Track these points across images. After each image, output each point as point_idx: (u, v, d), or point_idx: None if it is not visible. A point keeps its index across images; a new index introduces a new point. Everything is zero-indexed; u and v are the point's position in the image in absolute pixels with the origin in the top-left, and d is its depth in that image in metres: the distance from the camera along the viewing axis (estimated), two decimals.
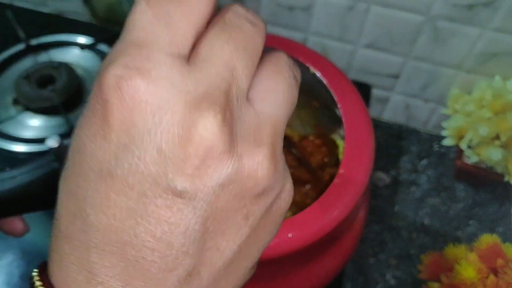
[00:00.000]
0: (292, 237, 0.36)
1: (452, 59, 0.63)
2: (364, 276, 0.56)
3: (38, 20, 0.82)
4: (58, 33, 0.77)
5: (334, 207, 0.38)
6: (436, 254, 0.58)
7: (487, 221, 0.62)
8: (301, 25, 0.68)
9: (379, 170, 0.67)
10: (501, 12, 0.56)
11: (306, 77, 0.52)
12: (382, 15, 0.62)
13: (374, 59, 0.68)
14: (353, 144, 0.42)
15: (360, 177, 0.40)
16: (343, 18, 0.64)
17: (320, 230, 0.37)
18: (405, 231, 0.61)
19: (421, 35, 0.62)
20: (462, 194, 0.65)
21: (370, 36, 0.65)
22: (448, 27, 0.60)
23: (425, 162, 0.68)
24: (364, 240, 0.60)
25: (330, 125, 0.55)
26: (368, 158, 0.42)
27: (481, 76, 0.64)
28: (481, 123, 0.58)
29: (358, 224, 0.47)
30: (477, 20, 0.58)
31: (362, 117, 0.45)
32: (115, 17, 0.80)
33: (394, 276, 0.57)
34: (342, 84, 0.47)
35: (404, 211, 0.63)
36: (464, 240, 0.60)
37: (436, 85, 0.68)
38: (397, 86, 0.71)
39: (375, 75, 0.70)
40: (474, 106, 0.60)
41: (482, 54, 0.61)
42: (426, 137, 0.72)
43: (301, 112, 0.58)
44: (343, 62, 0.70)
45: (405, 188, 0.65)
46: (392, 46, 0.65)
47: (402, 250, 0.59)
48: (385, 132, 0.73)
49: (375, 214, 0.62)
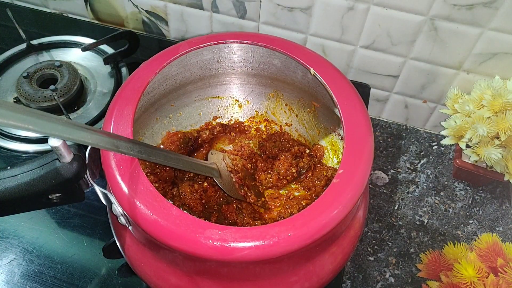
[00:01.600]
0: (292, 236, 0.36)
1: (452, 59, 0.64)
2: (363, 274, 0.57)
3: (39, 20, 0.82)
4: (59, 33, 0.77)
5: (333, 207, 0.38)
6: (436, 253, 0.59)
7: (486, 220, 0.62)
8: (301, 25, 0.68)
9: (378, 169, 0.67)
10: (501, 12, 0.56)
11: (306, 78, 0.52)
12: (381, 16, 0.62)
13: (373, 59, 0.68)
14: (353, 143, 0.42)
15: (359, 176, 0.40)
16: (342, 19, 0.64)
17: (319, 229, 0.37)
18: (405, 230, 0.61)
19: (421, 35, 0.62)
20: (461, 193, 0.65)
21: (370, 36, 0.65)
22: (448, 27, 0.60)
23: (425, 162, 0.68)
24: (364, 239, 0.60)
25: (329, 125, 0.55)
26: (368, 158, 0.42)
27: (480, 76, 0.64)
28: (481, 123, 0.58)
29: (358, 223, 0.47)
30: (477, 20, 0.58)
31: (361, 117, 0.45)
32: (116, 17, 0.81)
33: (394, 274, 0.57)
34: (342, 85, 0.47)
35: (404, 210, 0.63)
36: (463, 239, 0.60)
37: (435, 85, 0.68)
38: (396, 86, 0.71)
39: (375, 75, 0.70)
40: (474, 105, 0.60)
41: (482, 54, 0.61)
42: (425, 136, 0.72)
43: (301, 112, 0.58)
44: (343, 62, 0.70)
45: (405, 187, 0.65)
46: (392, 46, 0.65)
47: (401, 249, 0.59)
48: (384, 131, 0.73)
49: (374, 213, 0.62)
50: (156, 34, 0.80)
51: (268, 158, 0.57)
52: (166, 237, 0.36)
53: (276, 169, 0.55)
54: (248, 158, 0.56)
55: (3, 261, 0.53)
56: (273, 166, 0.55)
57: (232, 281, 0.41)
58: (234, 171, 0.54)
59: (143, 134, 0.54)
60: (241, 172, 0.54)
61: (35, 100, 0.64)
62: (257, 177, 0.55)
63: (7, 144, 0.62)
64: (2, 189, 0.37)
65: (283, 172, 0.54)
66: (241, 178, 0.54)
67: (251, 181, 0.55)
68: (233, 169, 0.54)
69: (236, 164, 0.55)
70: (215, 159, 0.54)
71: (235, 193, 0.52)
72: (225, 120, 0.61)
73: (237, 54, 0.54)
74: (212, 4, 0.71)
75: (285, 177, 0.54)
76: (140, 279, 0.45)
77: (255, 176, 0.55)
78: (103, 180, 0.41)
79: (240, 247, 0.35)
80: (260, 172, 0.55)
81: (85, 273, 0.53)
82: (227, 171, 0.54)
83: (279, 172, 0.54)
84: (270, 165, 0.56)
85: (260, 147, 0.58)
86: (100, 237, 0.56)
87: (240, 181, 0.54)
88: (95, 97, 0.68)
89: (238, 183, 0.53)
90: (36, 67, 0.67)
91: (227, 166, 0.54)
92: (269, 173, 0.55)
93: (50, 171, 0.38)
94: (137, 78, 0.47)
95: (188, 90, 0.56)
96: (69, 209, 0.58)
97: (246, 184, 0.54)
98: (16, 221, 0.57)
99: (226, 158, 0.55)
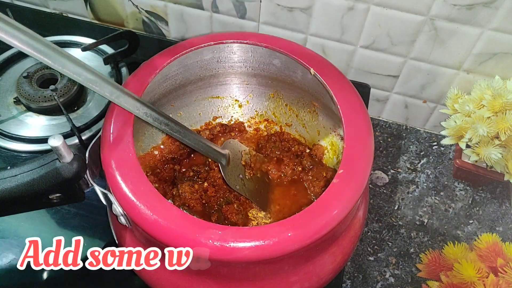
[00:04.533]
0: (292, 236, 0.36)
1: (452, 59, 0.64)
2: (363, 274, 0.57)
3: (39, 20, 0.82)
4: (59, 33, 0.77)
5: (333, 207, 0.38)
6: (436, 253, 0.59)
7: (486, 220, 0.62)
8: (301, 25, 0.68)
9: (378, 169, 0.67)
10: (501, 12, 0.56)
11: (306, 78, 0.52)
12: (381, 16, 0.62)
13: (373, 59, 0.68)
14: (353, 143, 0.42)
15: (359, 176, 0.40)
16: (342, 19, 0.64)
17: (319, 229, 0.37)
18: (405, 230, 0.61)
19: (421, 35, 0.62)
20: (461, 193, 0.65)
21: (370, 36, 0.65)
22: (448, 27, 0.60)
23: (425, 162, 0.68)
24: (364, 239, 0.60)
25: (329, 125, 0.55)
26: (368, 158, 0.42)
27: (480, 76, 0.64)
28: (481, 123, 0.58)
29: (358, 223, 0.47)
30: (477, 20, 0.58)
31: (361, 117, 0.45)
32: (116, 17, 0.80)
33: (394, 274, 0.57)
34: (342, 85, 0.47)
35: (404, 210, 0.63)
36: (463, 239, 0.60)
37: (435, 85, 0.68)
38: (396, 86, 0.71)
39: (375, 75, 0.70)
40: (474, 105, 0.60)
41: (482, 54, 0.61)
42: (425, 136, 0.72)
43: (301, 112, 0.58)
44: (343, 62, 0.70)
45: (405, 187, 0.65)
46: (392, 46, 0.65)
47: (401, 248, 0.59)
48: (384, 131, 0.73)
49: (374, 213, 0.62)
50: (156, 34, 0.80)
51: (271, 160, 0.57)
52: (166, 237, 0.36)
53: (282, 170, 0.55)
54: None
55: (3, 261, 0.53)
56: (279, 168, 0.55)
57: (232, 281, 0.41)
58: (248, 166, 0.54)
59: (143, 134, 0.54)
60: (254, 170, 0.54)
61: (35, 100, 0.64)
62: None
63: (7, 144, 0.62)
64: (2, 189, 0.37)
65: (290, 173, 0.54)
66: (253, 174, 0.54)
67: (264, 184, 0.55)
68: (247, 165, 0.54)
69: (254, 161, 0.55)
70: (231, 148, 0.54)
71: (235, 185, 0.52)
72: (225, 120, 0.61)
73: (237, 54, 0.54)
74: (212, 4, 0.71)
75: (292, 176, 0.54)
76: (140, 279, 0.45)
77: (269, 177, 0.56)
78: (103, 180, 0.41)
79: (240, 247, 0.35)
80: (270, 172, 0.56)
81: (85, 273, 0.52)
82: (240, 164, 0.54)
83: (286, 173, 0.54)
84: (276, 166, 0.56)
85: (260, 148, 0.58)
86: (100, 237, 0.55)
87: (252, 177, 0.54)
88: (95, 97, 0.68)
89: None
90: (36, 67, 0.67)
91: (243, 161, 0.54)
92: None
93: (50, 171, 0.38)
94: (137, 78, 0.47)
95: (188, 90, 0.56)
96: (69, 209, 0.58)
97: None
98: (16, 221, 0.57)
99: (245, 154, 0.55)
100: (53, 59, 0.35)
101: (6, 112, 0.66)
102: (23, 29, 0.33)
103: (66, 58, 0.36)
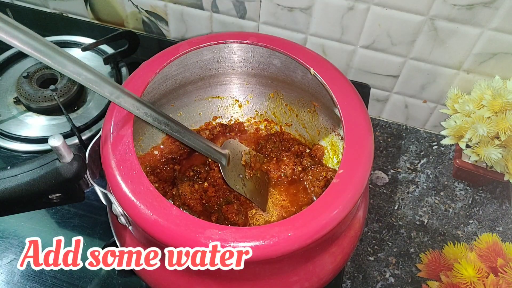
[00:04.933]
0: (292, 236, 0.36)
1: (452, 59, 0.64)
2: (363, 274, 0.57)
3: (39, 20, 0.82)
4: (59, 33, 0.77)
5: (333, 207, 0.38)
6: (436, 253, 0.59)
7: (486, 220, 0.62)
8: (301, 25, 0.68)
9: (378, 169, 0.67)
10: (501, 12, 0.56)
11: (306, 78, 0.52)
12: (381, 16, 0.62)
13: (373, 59, 0.68)
14: (353, 143, 0.42)
15: (359, 176, 0.40)
16: (342, 19, 0.64)
17: (319, 229, 0.37)
18: (405, 230, 0.61)
19: (421, 35, 0.62)
20: (461, 193, 0.65)
21: (370, 36, 0.65)
22: (448, 27, 0.60)
23: (425, 162, 0.68)
24: (364, 239, 0.60)
25: (329, 125, 0.55)
26: (368, 158, 0.42)
27: (480, 76, 0.64)
28: (481, 123, 0.58)
29: (358, 223, 0.47)
30: (477, 20, 0.58)
31: (361, 117, 0.45)
32: (116, 17, 0.81)
33: (394, 274, 0.57)
34: (342, 85, 0.47)
35: (404, 210, 0.63)
36: (463, 239, 0.60)
37: (435, 85, 0.68)
38: (396, 86, 0.71)
39: (375, 75, 0.70)
40: (474, 105, 0.60)
41: (482, 54, 0.61)
42: (425, 136, 0.72)
43: (301, 112, 0.58)
44: (343, 62, 0.70)
45: (405, 187, 0.65)
46: (392, 46, 0.65)
47: (401, 248, 0.59)
48: (384, 131, 0.73)
49: (374, 213, 0.62)
50: (156, 34, 0.80)
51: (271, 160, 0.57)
52: (166, 237, 0.36)
53: (282, 170, 0.55)
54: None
55: (3, 261, 0.53)
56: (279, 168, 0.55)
57: (232, 281, 0.41)
58: (248, 166, 0.54)
59: (143, 134, 0.54)
60: (254, 170, 0.54)
61: (35, 100, 0.64)
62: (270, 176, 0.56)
63: (7, 144, 0.62)
64: (2, 189, 0.37)
65: (290, 173, 0.54)
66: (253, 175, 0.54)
67: (265, 184, 0.55)
68: (247, 165, 0.54)
69: (254, 161, 0.55)
70: (231, 148, 0.54)
71: (235, 185, 0.52)
72: (225, 120, 0.61)
73: (237, 54, 0.54)
74: (212, 4, 0.71)
75: (292, 176, 0.54)
76: (140, 279, 0.45)
77: (269, 178, 0.56)
78: (103, 180, 0.41)
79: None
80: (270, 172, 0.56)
81: (85, 273, 0.53)
82: (240, 164, 0.54)
83: (286, 173, 0.54)
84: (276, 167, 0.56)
85: (260, 148, 0.58)
86: (100, 237, 0.56)
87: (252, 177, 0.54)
88: (95, 97, 0.68)
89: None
90: (36, 67, 0.67)
91: (243, 161, 0.54)
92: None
93: (50, 171, 0.38)
94: (137, 78, 0.47)
95: (188, 90, 0.56)
96: (69, 209, 0.58)
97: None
98: (16, 221, 0.57)
99: (245, 154, 0.55)
100: (53, 59, 0.35)
101: (6, 112, 0.66)
102: (23, 29, 0.33)
103: (66, 58, 0.36)
